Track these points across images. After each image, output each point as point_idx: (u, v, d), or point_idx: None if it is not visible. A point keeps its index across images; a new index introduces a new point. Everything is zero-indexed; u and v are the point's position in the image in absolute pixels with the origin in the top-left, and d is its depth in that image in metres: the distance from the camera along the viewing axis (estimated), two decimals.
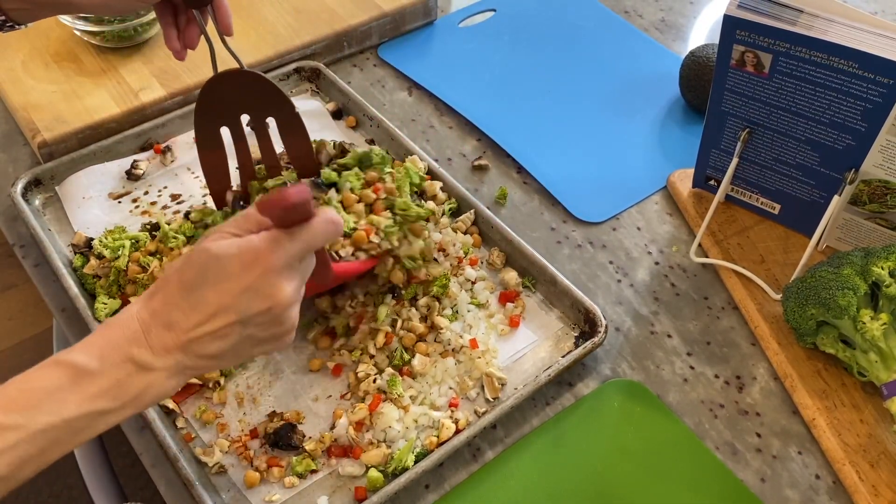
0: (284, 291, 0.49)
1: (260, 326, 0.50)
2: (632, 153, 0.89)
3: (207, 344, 0.49)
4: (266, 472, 0.62)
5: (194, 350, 0.49)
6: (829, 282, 0.65)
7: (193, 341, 0.48)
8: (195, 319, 0.48)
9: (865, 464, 0.63)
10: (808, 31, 0.63)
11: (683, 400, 0.68)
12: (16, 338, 1.55)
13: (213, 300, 0.48)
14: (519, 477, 0.63)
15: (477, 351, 0.69)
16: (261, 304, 0.49)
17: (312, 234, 0.50)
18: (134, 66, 0.90)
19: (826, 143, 0.69)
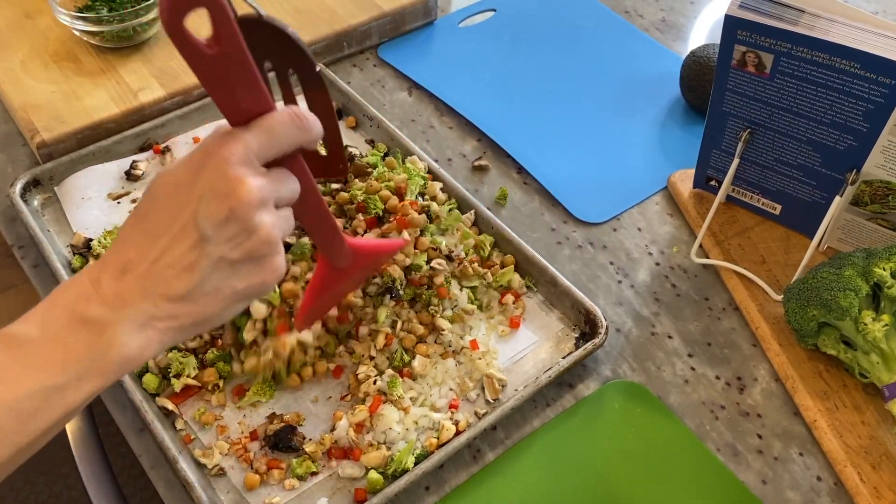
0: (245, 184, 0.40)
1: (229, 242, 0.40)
2: (632, 153, 0.89)
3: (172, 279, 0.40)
4: (266, 473, 0.62)
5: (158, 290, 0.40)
6: (831, 283, 0.65)
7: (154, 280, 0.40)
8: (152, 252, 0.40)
9: (867, 465, 0.63)
10: (810, 31, 0.63)
11: (684, 401, 0.68)
12: None
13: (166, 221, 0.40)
14: (519, 478, 0.63)
15: (477, 352, 0.68)
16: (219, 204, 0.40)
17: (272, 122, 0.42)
18: (133, 66, 0.90)
19: (827, 143, 0.69)
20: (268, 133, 0.42)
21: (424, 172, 0.79)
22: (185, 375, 0.65)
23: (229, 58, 0.41)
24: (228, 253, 0.41)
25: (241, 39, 0.40)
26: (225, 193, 0.40)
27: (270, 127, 0.42)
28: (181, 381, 0.65)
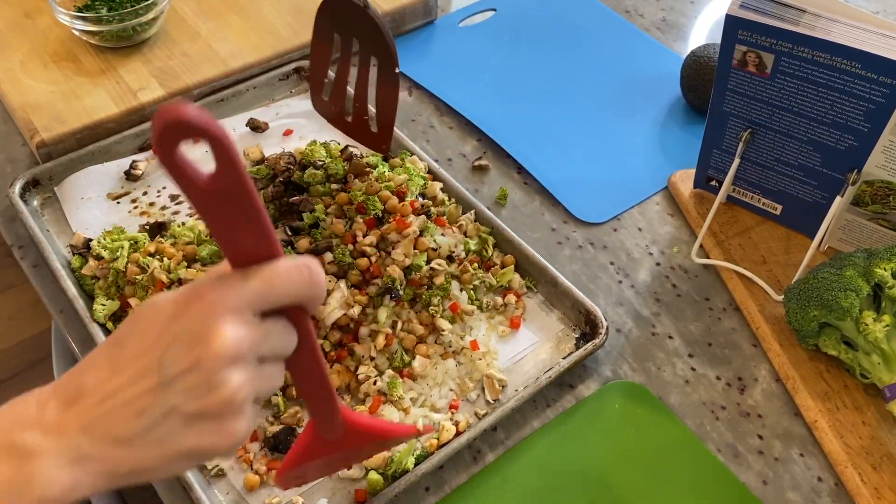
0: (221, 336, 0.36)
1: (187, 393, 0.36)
2: (633, 153, 0.89)
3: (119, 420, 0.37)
4: (266, 474, 0.62)
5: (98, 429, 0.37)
6: (832, 283, 0.65)
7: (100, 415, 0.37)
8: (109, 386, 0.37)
9: (868, 466, 0.63)
10: (811, 31, 0.63)
11: (685, 402, 0.68)
12: (15, 338, 1.55)
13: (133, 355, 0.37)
14: (519, 479, 0.62)
15: (477, 352, 0.68)
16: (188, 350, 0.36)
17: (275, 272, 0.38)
18: (133, 65, 0.90)
19: (828, 143, 0.69)
20: (268, 284, 0.38)
21: (424, 172, 0.79)
22: None
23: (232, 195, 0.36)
24: (183, 404, 0.37)
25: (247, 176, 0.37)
26: (197, 340, 0.36)
27: (272, 277, 0.38)
28: None
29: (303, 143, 0.87)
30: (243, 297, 0.37)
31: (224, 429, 0.38)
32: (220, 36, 0.94)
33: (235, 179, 0.36)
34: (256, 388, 0.39)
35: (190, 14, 0.97)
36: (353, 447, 0.53)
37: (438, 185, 0.78)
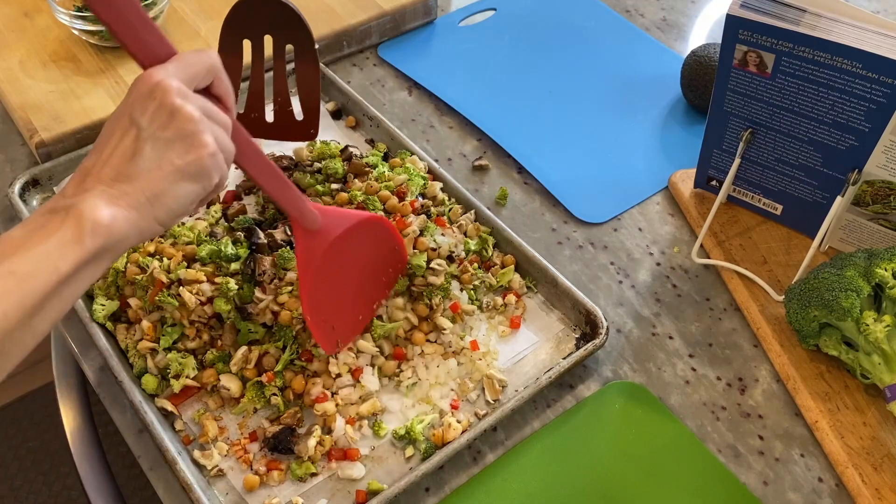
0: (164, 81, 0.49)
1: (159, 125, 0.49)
2: (633, 153, 0.89)
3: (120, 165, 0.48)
4: (265, 475, 0.62)
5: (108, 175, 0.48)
6: (832, 283, 0.65)
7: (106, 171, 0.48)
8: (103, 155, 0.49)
9: (868, 467, 0.63)
10: (812, 30, 0.63)
11: (685, 402, 0.68)
12: None
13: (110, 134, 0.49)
14: (519, 480, 0.62)
15: (478, 353, 0.68)
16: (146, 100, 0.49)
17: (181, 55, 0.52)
18: (132, 65, 0.90)
19: (829, 143, 0.69)
20: (180, 60, 0.51)
21: (424, 172, 0.78)
22: (184, 376, 0.65)
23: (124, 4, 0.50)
24: (159, 133, 0.49)
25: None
26: (149, 92, 0.49)
27: (183, 58, 0.51)
28: (180, 381, 0.64)
29: (302, 142, 0.86)
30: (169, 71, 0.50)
31: (198, 141, 0.50)
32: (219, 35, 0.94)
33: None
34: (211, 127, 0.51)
35: (189, 13, 0.97)
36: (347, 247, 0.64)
37: (438, 184, 0.78)
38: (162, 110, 0.49)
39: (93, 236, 0.47)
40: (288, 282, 0.68)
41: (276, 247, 0.70)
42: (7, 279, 0.44)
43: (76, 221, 0.46)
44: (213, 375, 0.65)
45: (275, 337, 0.67)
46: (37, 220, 0.47)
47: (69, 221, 0.46)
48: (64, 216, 0.47)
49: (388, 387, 0.67)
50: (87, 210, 0.47)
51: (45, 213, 0.48)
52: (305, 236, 0.61)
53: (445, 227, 0.74)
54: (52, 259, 0.45)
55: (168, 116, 0.49)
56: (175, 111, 0.49)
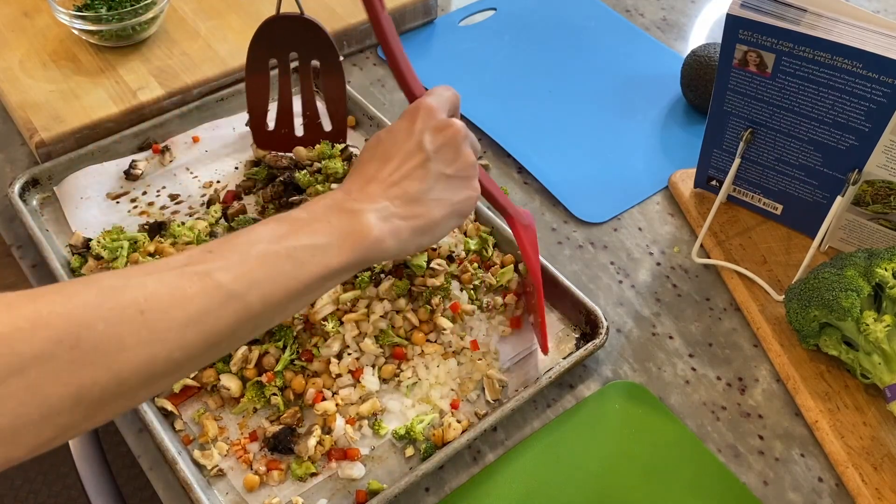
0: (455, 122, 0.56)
1: (445, 161, 0.55)
2: (633, 153, 0.89)
3: (407, 185, 0.53)
4: (265, 475, 0.62)
5: (396, 193, 0.53)
6: (832, 283, 0.65)
7: (392, 185, 0.53)
8: (389, 168, 0.54)
9: (869, 466, 0.63)
10: (812, 30, 0.63)
11: (685, 402, 0.68)
12: None
13: (397, 150, 0.55)
14: (519, 480, 0.62)
15: (478, 353, 0.68)
16: (438, 133, 0.55)
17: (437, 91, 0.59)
18: (132, 65, 0.90)
19: (829, 143, 0.69)
20: (437, 94, 0.59)
21: None
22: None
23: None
24: (445, 169, 0.55)
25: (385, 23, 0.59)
26: (442, 127, 0.56)
27: (436, 91, 0.59)
28: (180, 381, 0.64)
29: None
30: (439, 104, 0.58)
31: (472, 184, 0.57)
32: (219, 35, 0.94)
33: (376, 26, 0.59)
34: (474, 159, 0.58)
35: (189, 13, 0.97)
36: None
37: None
38: (450, 148, 0.55)
39: (366, 249, 0.51)
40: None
41: None
42: (286, 262, 0.47)
43: (360, 230, 0.50)
44: (213, 375, 0.65)
45: (275, 337, 0.67)
46: (321, 210, 0.51)
47: (354, 227, 0.50)
48: (350, 219, 0.51)
49: (388, 387, 0.67)
50: (374, 223, 0.51)
51: (331, 207, 0.51)
52: (524, 230, 0.67)
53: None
54: (328, 255, 0.49)
55: (454, 154, 0.56)
56: (460, 153, 0.56)
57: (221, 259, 0.45)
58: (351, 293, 0.67)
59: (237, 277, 0.44)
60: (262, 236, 0.48)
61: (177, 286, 0.42)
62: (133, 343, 0.40)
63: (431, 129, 0.55)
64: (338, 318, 0.67)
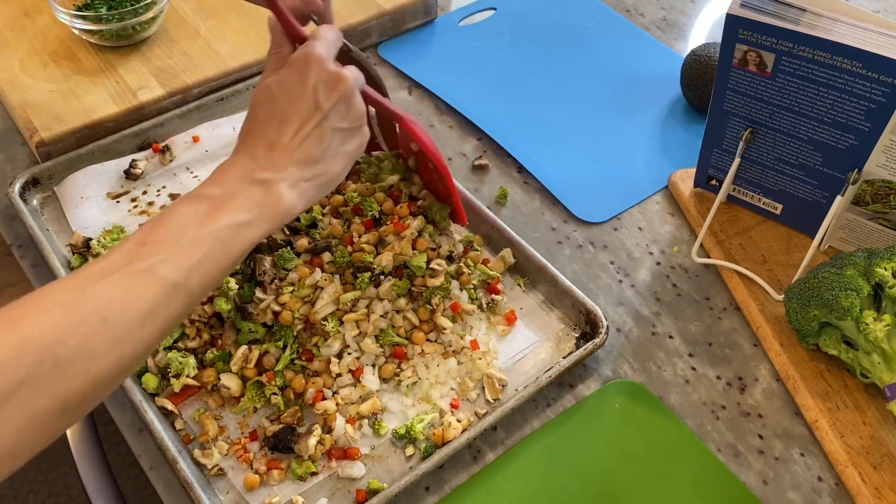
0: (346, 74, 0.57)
1: (340, 116, 0.57)
2: (633, 153, 0.89)
3: (308, 148, 0.55)
4: (266, 474, 0.62)
5: (300, 157, 0.55)
6: (832, 283, 0.65)
7: (297, 150, 0.55)
8: (289, 132, 0.55)
9: (868, 466, 0.63)
10: (812, 30, 0.63)
11: (685, 401, 0.68)
12: None
13: (293, 111, 0.55)
14: (519, 479, 0.62)
15: (478, 352, 0.68)
16: (332, 89, 0.56)
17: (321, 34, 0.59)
18: (132, 64, 0.90)
19: (829, 143, 0.69)
20: (326, 39, 0.59)
21: None
22: (184, 375, 0.65)
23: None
24: (340, 123, 0.57)
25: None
26: (334, 82, 0.56)
27: (322, 36, 0.59)
28: (180, 381, 0.64)
29: None
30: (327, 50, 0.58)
31: (362, 131, 0.59)
32: (219, 35, 0.94)
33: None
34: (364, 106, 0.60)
35: (189, 13, 0.97)
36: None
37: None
38: (343, 102, 0.57)
39: (282, 217, 0.54)
40: (289, 282, 0.68)
41: (276, 247, 0.70)
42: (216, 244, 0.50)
43: (275, 202, 0.53)
44: (214, 375, 0.65)
45: (275, 336, 0.67)
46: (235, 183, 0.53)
47: (269, 200, 0.53)
48: (264, 192, 0.53)
49: (388, 386, 0.67)
50: (285, 193, 0.53)
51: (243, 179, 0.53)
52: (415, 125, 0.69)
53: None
54: (251, 230, 0.52)
55: (347, 108, 0.57)
56: (352, 105, 0.58)
57: (158, 252, 0.47)
58: (351, 294, 0.67)
59: (177, 268, 0.47)
60: (187, 220, 0.50)
61: (128, 288, 0.45)
62: (103, 349, 0.44)
63: (324, 83, 0.56)
64: (338, 318, 0.67)
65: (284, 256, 0.68)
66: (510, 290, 0.74)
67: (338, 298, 0.67)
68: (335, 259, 0.69)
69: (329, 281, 0.68)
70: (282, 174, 0.54)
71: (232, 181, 0.53)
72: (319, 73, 0.56)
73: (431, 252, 0.71)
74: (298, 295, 0.67)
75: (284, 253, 0.69)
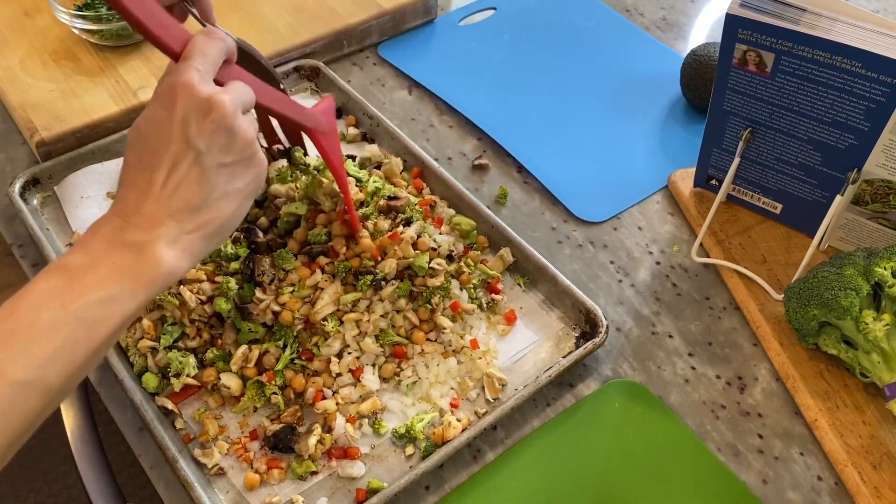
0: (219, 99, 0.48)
1: (221, 149, 0.48)
2: (633, 152, 0.89)
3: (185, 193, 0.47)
4: (266, 473, 0.62)
5: (178, 207, 0.47)
6: (832, 282, 0.65)
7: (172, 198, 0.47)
8: (160, 178, 0.47)
9: (868, 465, 0.63)
10: (812, 30, 0.63)
11: (685, 401, 0.68)
12: None
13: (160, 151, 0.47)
14: (519, 478, 0.62)
15: (477, 351, 0.68)
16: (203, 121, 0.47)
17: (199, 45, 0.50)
18: (132, 64, 0.90)
19: (828, 142, 0.69)
20: (202, 54, 0.50)
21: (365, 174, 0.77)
22: (184, 375, 0.65)
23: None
24: (223, 158, 0.48)
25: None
26: (206, 111, 0.47)
27: (201, 49, 0.50)
28: (181, 380, 0.64)
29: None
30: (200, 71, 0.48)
31: (255, 160, 0.51)
32: None
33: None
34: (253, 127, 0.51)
35: None
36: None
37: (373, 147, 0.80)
38: (221, 133, 0.48)
39: (162, 283, 0.46)
40: (289, 282, 0.68)
41: (275, 247, 0.70)
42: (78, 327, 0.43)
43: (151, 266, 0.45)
44: (214, 374, 0.65)
45: (275, 336, 0.67)
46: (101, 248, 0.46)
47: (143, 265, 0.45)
48: (135, 256, 0.45)
49: (388, 386, 0.67)
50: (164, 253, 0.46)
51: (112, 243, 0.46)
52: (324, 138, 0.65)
53: (442, 226, 0.74)
54: (122, 304, 0.45)
55: (227, 138, 0.48)
56: (234, 134, 0.49)
57: (7, 347, 0.41)
58: (352, 295, 0.67)
59: (28, 364, 0.41)
60: (44, 300, 0.43)
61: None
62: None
63: (195, 114, 0.47)
64: (338, 318, 0.67)
65: (283, 257, 0.68)
66: (510, 290, 0.74)
67: (338, 299, 0.67)
68: (337, 271, 0.68)
69: (329, 282, 0.68)
70: (157, 231, 0.46)
71: (98, 246, 0.46)
72: (188, 102, 0.47)
73: (432, 252, 0.71)
74: (298, 295, 0.67)
75: (283, 253, 0.69)
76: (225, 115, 0.48)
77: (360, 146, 0.86)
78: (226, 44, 0.52)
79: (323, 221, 0.71)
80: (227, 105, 0.48)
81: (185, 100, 0.47)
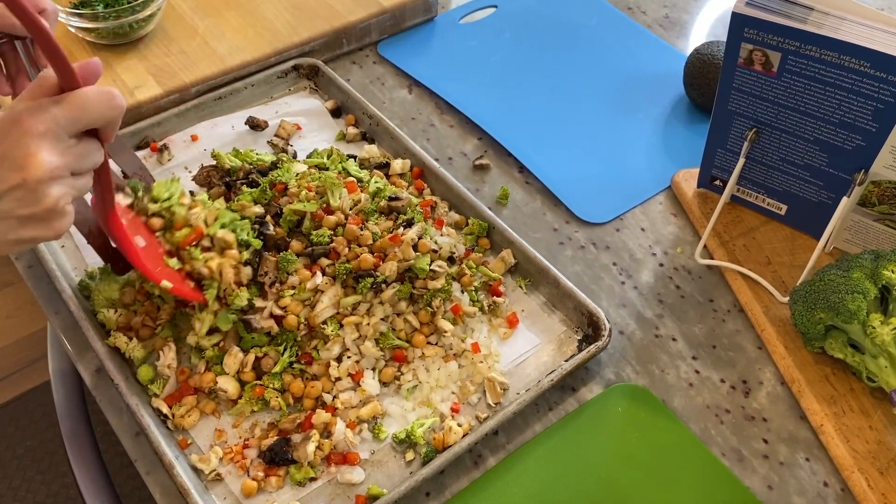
0: (39, 159, 0.44)
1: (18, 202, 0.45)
2: (635, 153, 0.88)
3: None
4: (263, 480, 0.61)
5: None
6: (838, 285, 0.64)
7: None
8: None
9: (874, 471, 0.62)
10: (819, 29, 0.62)
11: (689, 405, 0.67)
12: (13, 336, 1.54)
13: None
14: (521, 484, 0.62)
15: (479, 355, 0.67)
16: (11, 172, 0.44)
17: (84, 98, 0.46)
18: (129, 63, 0.89)
19: (835, 143, 0.68)
20: (79, 108, 0.46)
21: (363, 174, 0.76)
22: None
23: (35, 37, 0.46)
24: (15, 210, 0.46)
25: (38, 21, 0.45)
26: (19, 165, 0.44)
27: (83, 103, 0.46)
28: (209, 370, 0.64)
29: (303, 140, 0.86)
30: (58, 123, 0.45)
31: (53, 227, 0.48)
32: (217, 33, 0.93)
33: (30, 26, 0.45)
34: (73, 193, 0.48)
35: (187, 11, 0.96)
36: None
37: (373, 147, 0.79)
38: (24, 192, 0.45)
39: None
40: (290, 285, 0.67)
41: (284, 246, 0.69)
42: None
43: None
44: (211, 378, 0.65)
45: (275, 340, 0.66)
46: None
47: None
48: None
49: (388, 390, 0.66)
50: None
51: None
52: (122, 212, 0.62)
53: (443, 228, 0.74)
54: None
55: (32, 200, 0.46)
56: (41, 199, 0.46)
57: None
58: (352, 298, 0.66)
59: None
60: None
61: None
62: None
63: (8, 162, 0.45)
64: (338, 321, 0.66)
65: (288, 259, 0.67)
66: (512, 292, 0.73)
67: (338, 302, 0.66)
68: (338, 273, 0.68)
69: (329, 284, 0.67)
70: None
71: None
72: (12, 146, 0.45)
73: (433, 254, 0.70)
74: (299, 298, 0.66)
75: (287, 255, 0.68)
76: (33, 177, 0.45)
77: (360, 146, 0.86)
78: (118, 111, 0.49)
79: (330, 224, 0.70)
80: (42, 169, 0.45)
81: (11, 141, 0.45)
